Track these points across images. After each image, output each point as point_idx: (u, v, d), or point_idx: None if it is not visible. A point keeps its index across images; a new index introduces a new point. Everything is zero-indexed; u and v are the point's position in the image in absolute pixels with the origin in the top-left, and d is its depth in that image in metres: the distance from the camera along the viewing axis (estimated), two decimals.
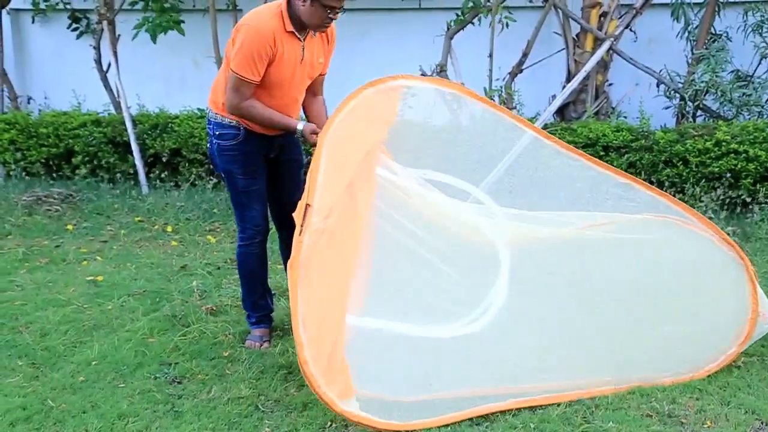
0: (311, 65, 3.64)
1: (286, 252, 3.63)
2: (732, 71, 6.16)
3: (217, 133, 3.69)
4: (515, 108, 6.37)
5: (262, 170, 3.76)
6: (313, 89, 3.80)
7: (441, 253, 3.51)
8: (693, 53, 6.20)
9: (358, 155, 3.43)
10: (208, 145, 3.87)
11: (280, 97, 3.60)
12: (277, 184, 3.85)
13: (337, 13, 3.46)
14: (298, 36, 3.52)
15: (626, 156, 5.81)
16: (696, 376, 3.44)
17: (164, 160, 6.87)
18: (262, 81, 3.51)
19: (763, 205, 5.58)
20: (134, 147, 6.82)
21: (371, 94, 3.49)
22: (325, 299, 3.16)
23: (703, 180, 5.68)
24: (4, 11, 7.44)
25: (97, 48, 7.16)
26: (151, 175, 6.94)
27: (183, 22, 6.82)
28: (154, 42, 6.72)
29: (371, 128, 3.52)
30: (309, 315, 3.02)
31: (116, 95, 7.09)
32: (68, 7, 7.48)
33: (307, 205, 3.15)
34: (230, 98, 3.52)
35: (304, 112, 3.86)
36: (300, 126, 3.57)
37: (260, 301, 3.95)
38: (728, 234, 5.10)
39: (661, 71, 6.29)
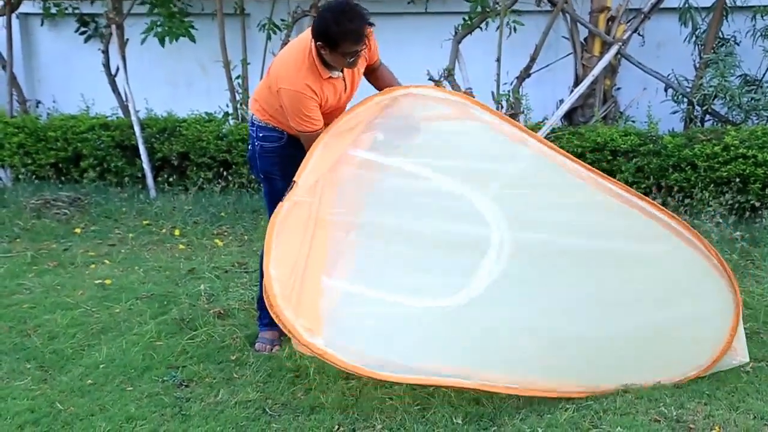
0: (355, 82, 3.69)
1: None
2: (740, 75, 6.14)
3: (261, 135, 3.77)
4: (523, 112, 6.37)
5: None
6: (370, 72, 3.84)
7: (429, 233, 3.56)
8: (701, 57, 6.18)
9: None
10: (249, 147, 3.94)
11: (330, 116, 3.66)
12: None
13: (359, 53, 3.46)
14: (336, 76, 3.55)
15: (634, 160, 5.80)
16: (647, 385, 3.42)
17: (172, 163, 6.88)
18: None
19: None
20: (142, 151, 6.84)
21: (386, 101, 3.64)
22: (297, 252, 3.31)
23: (712, 185, 5.66)
24: (13, 15, 7.47)
25: (106, 52, 7.18)
26: (159, 178, 6.95)
27: (195, 28, 6.83)
28: (162, 46, 6.74)
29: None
30: (282, 258, 3.22)
31: (124, 99, 7.11)
32: (77, 11, 7.50)
33: (294, 182, 3.37)
34: (305, 146, 3.59)
35: (376, 88, 3.87)
36: None
37: None
38: (736, 239, 5.14)
39: (669, 75, 6.27)
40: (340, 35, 3.34)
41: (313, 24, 3.47)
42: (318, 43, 3.40)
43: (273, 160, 3.76)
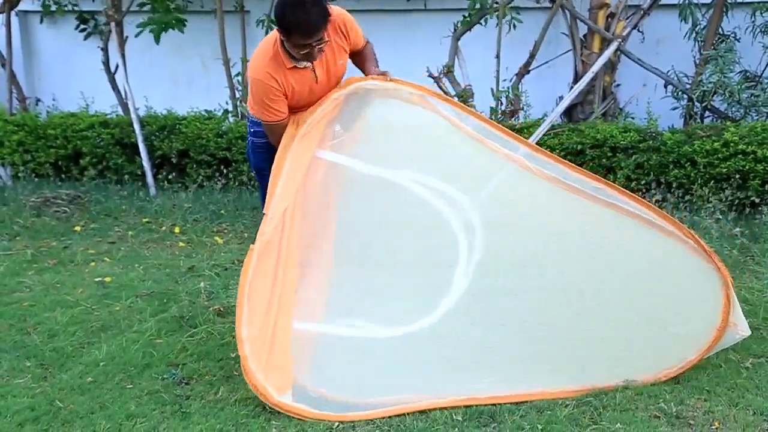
0: (331, 73, 3.63)
1: None
2: (740, 72, 6.14)
3: (252, 130, 3.81)
4: (522, 109, 6.37)
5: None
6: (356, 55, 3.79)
7: (400, 251, 3.59)
8: (701, 54, 6.17)
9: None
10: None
11: (307, 106, 3.65)
12: None
13: (315, 46, 3.39)
14: (302, 66, 3.50)
15: (634, 157, 5.80)
16: (648, 380, 3.42)
17: (172, 161, 6.88)
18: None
19: None
20: (142, 148, 6.84)
21: (342, 97, 3.62)
22: (269, 296, 3.32)
23: (711, 181, 5.66)
24: (12, 13, 7.46)
25: (105, 49, 7.17)
26: (159, 176, 6.95)
27: (185, 21, 6.81)
28: (157, 42, 6.71)
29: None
30: (251, 316, 3.23)
31: (124, 97, 7.11)
32: (76, 8, 7.50)
33: (264, 213, 3.38)
34: (272, 140, 3.62)
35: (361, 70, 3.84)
36: None
37: None
38: (736, 235, 5.14)
39: (668, 72, 6.27)
40: (291, 26, 3.31)
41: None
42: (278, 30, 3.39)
43: (264, 155, 3.76)
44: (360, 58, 3.80)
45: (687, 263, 3.42)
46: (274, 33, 3.47)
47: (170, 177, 6.88)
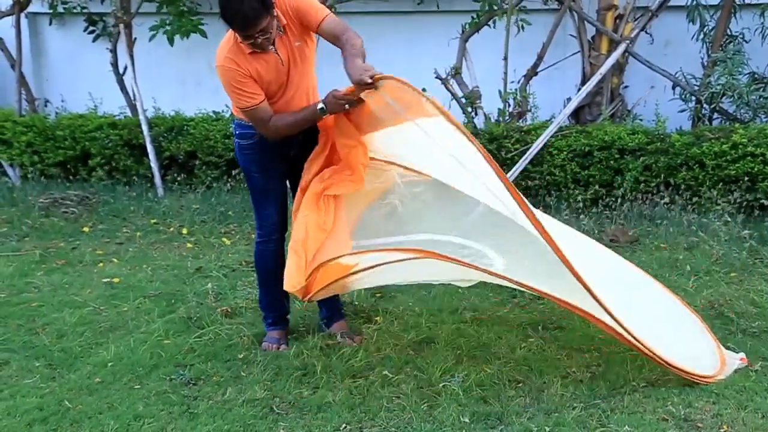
0: (297, 53, 3.56)
1: None
2: (748, 73, 6.12)
3: (238, 132, 3.77)
4: (530, 111, 6.36)
5: (279, 169, 3.79)
6: (332, 39, 3.58)
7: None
8: (709, 55, 6.16)
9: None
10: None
11: (291, 96, 3.62)
12: (295, 183, 3.86)
13: (258, 37, 3.35)
14: (263, 51, 3.47)
15: (642, 159, 5.79)
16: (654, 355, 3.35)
17: (180, 162, 6.90)
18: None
19: None
20: (150, 149, 6.86)
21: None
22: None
23: (720, 183, 5.64)
24: (22, 15, 7.49)
25: (114, 51, 7.20)
26: (167, 177, 6.97)
27: (205, 24, 6.83)
28: (171, 44, 6.73)
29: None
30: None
31: (132, 98, 7.13)
32: (85, 10, 7.52)
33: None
34: (258, 129, 3.61)
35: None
36: (320, 105, 3.49)
37: (276, 302, 3.96)
38: (744, 238, 5.13)
39: (676, 74, 6.26)
40: (228, 18, 3.32)
41: None
42: None
43: (251, 156, 3.74)
44: (344, 50, 3.54)
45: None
46: None
47: (178, 178, 6.89)
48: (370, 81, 3.24)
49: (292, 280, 3.43)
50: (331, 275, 3.54)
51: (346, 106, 3.42)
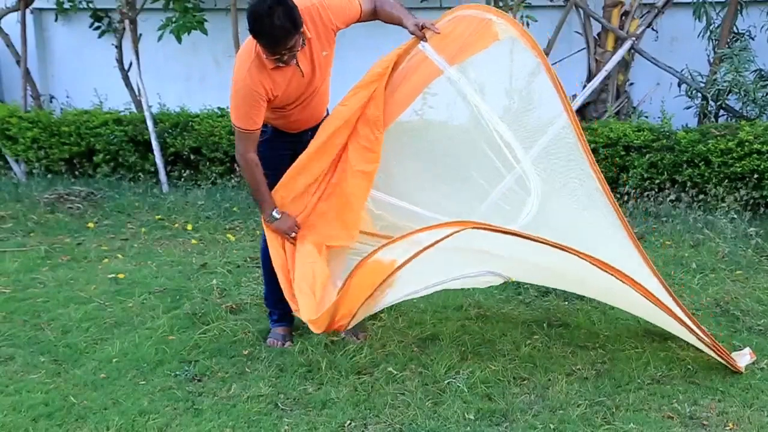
0: (316, 65, 3.56)
1: None
2: (755, 71, 6.10)
3: None
4: None
5: (286, 166, 3.76)
6: (371, 16, 3.74)
7: None
8: (715, 52, 6.14)
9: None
10: None
11: (309, 102, 3.63)
12: None
13: (290, 52, 3.34)
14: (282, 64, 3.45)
15: (647, 156, 5.78)
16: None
17: (185, 158, 6.91)
18: (283, 108, 3.55)
19: None
20: (155, 145, 6.86)
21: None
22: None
23: (726, 180, 5.63)
24: (27, 11, 7.50)
25: (119, 47, 7.20)
26: (172, 173, 6.98)
27: (206, 21, 6.83)
28: (179, 42, 6.74)
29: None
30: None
31: (137, 94, 7.14)
32: (90, 6, 7.53)
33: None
34: (237, 146, 3.60)
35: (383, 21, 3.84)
36: (275, 213, 3.64)
37: (282, 298, 3.95)
38: (751, 235, 5.11)
39: (682, 71, 6.24)
40: (258, 36, 3.30)
41: None
42: None
43: (259, 154, 3.68)
44: (383, 13, 3.74)
45: None
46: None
47: (183, 174, 6.90)
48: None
49: (310, 314, 3.45)
50: (366, 284, 3.35)
51: (292, 234, 3.67)
